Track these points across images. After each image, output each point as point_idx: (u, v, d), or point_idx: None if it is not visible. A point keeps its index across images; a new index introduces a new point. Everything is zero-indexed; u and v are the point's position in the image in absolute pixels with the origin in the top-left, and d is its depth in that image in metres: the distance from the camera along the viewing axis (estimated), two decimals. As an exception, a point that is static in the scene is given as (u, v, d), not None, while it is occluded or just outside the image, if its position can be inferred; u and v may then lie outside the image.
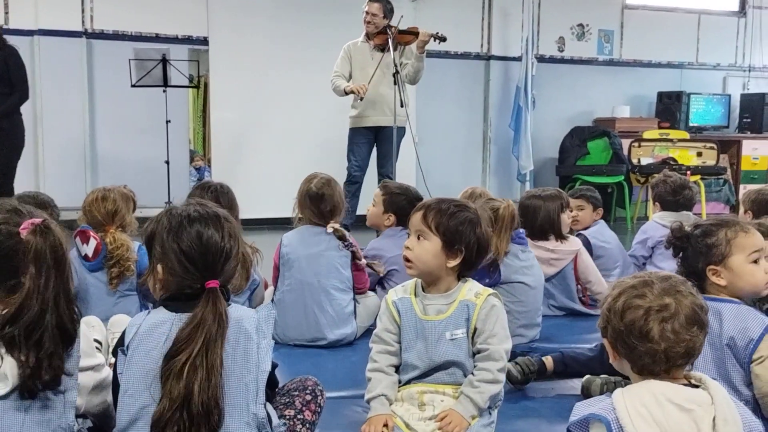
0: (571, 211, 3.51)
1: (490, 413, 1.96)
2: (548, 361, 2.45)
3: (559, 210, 3.25)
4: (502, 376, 1.96)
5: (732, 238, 1.90)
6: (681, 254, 1.97)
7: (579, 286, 3.41)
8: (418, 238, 1.98)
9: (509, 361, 2.40)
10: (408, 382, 2.00)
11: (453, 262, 1.97)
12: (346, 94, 5.18)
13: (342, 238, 2.91)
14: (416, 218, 2.00)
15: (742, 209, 3.43)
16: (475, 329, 1.95)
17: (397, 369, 2.03)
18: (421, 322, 1.98)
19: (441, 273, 1.98)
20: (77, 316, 1.51)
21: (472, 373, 1.94)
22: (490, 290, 2.01)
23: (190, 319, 1.50)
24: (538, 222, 3.22)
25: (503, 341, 1.96)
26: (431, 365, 1.97)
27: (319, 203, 2.93)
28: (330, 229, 2.91)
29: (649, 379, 1.38)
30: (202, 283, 1.54)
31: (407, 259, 1.99)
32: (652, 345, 1.35)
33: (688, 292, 1.40)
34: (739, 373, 1.87)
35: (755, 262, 1.91)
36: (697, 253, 1.92)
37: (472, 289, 1.99)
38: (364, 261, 2.93)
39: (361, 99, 5.11)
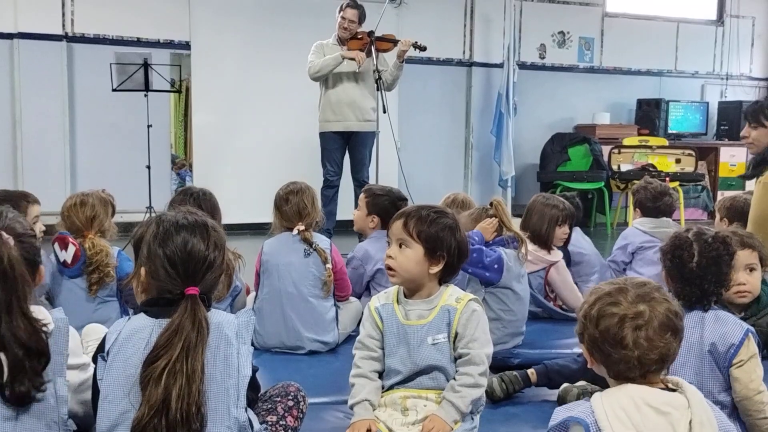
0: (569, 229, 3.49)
1: (472, 418, 1.97)
2: (533, 375, 2.45)
3: (554, 221, 3.27)
4: (484, 380, 1.96)
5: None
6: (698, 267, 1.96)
7: (550, 296, 3.43)
8: (400, 246, 1.98)
9: (495, 374, 2.42)
10: (391, 387, 2.01)
11: (435, 269, 1.98)
12: (342, 60, 5.13)
13: (307, 240, 2.90)
14: (397, 227, 2.00)
15: (717, 216, 3.47)
16: (456, 334, 1.96)
17: (381, 375, 2.03)
18: (403, 327, 1.99)
19: (424, 280, 1.99)
20: (44, 333, 1.51)
21: (454, 378, 1.95)
22: (471, 295, 2.03)
23: (169, 324, 1.50)
24: (531, 223, 3.26)
25: (484, 345, 1.97)
26: (414, 370, 1.97)
27: (283, 206, 2.94)
28: (295, 231, 2.91)
29: (627, 383, 1.39)
30: (182, 289, 1.55)
31: (390, 268, 1.99)
32: (626, 352, 1.36)
33: (662, 298, 1.41)
34: (717, 380, 1.90)
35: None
36: (726, 264, 1.97)
37: (453, 294, 2.01)
38: (329, 265, 2.90)
39: (359, 68, 5.12)
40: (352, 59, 5.10)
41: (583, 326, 1.43)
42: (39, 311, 1.57)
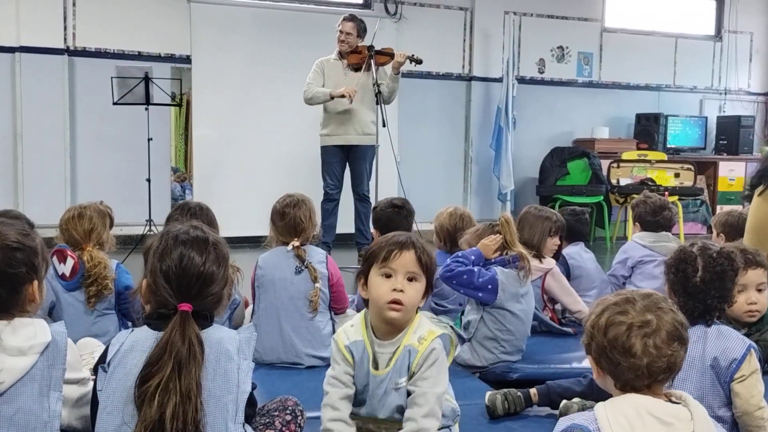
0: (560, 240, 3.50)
1: (450, 429, 1.94)
2: (534, 396, 2.43)
3: (546, 232, 3.27)
4: (429, 423, 1.80)
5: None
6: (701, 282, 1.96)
7: (548, 307, 3.43)
8: (410, 280, 1.84)
9: (496, 390, 2.41)
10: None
11: (424, 300, 1.91)
12: (332, 98, 5.18)
13: (300, 257, 2.88)
14: (410, 259, 1.84)
15: (714, 232, 3.48)
16: (413, 374, 1.85)
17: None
18: (372, 377, 1.87)
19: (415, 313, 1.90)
20: None
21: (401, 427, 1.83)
22: (436, 331, 1.88)
23: (158, 341, 1.50)
24: (523, 233, 3.25)
25: (435, 385, 1.82)
26: (384, 413, 1.88)
27: (280, 220, 2.91)
28: (290, 247, 2.89)
29: (631, 393, 1.39)
30: (176, 304, 1.55)
31: (398, 302, 1.81)
32: (634, 360, 1.37)
33: (668, 308, 1.43)
34: (718, 395, 1.91)
35: None
36: (730, 280, 1.99)
37: (417, 331, 1.86)
38: (318, 284, 2.86)
39: (351, 102, 5.15)
40: (342, 97, 5.13)
41: (590, 336, 1.44)
42: (39, 324, 1.57)
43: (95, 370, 1.59)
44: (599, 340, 1.41)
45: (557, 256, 3.49)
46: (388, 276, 1.84)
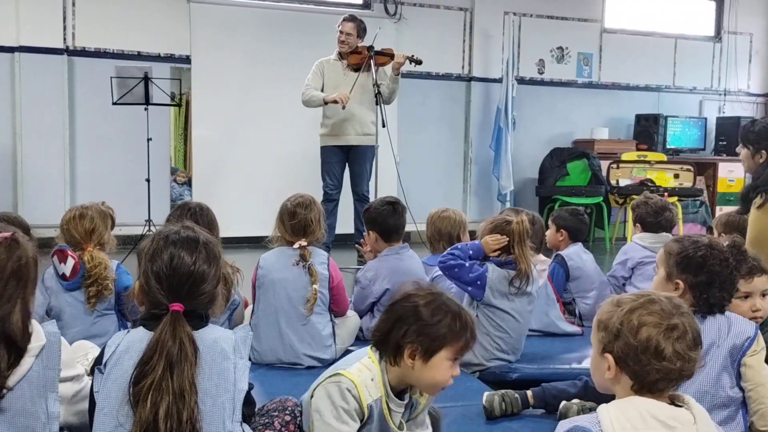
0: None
1: None
2: (531, 398, 2.43)
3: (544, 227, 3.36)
4: None
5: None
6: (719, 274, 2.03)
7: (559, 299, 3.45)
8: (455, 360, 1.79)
9: (495, 390, 2.42)
10: None
11: None
12: (326, 104, 5.19)
13: (303, 257, 2.88)
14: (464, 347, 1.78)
15: (716, 233, 3.49)
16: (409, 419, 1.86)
17: None
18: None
19: None
20: (30, 333, 1.53)
21: None
22: None
23: (149, 341, 1.51)
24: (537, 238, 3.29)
25: (427, 427, 1.90)
26: None
27: (290, 219, 2.90)
28: (296, 246, 2.89)
29: (634, 396, 1.39)
30: (167, 304, 1.55)
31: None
32: (666, 363, 1.37)
33: (688, 312, 1.44)
34: (729, 375, 1.97)
35: None
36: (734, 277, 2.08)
37: None
38: (316, 285, 2.86)
39: (343, 108, 5.13)
40: (335, 102, 5.12)
41: (616, 334, 1.41)
42: (34, 327, 1.57)
43: (92, 372, 1.60)
44: (629, 341, 1.39)
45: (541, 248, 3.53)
46: (453, 359, 1.77)
